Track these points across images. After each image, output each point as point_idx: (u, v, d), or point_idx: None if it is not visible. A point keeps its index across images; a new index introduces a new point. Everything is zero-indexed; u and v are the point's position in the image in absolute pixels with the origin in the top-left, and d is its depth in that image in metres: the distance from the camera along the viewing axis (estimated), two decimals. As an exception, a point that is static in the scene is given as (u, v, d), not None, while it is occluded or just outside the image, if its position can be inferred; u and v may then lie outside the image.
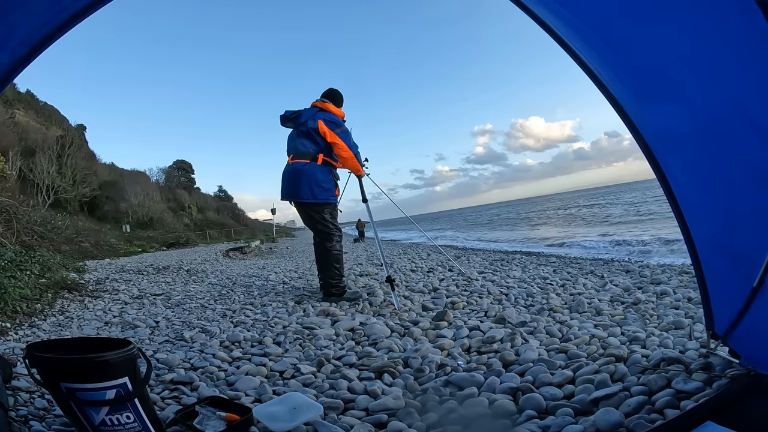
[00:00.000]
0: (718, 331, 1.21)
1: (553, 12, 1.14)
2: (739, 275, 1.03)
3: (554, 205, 36.66)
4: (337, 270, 3.07)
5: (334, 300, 3.01)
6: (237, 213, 47.37)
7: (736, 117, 0.87)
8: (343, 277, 3.13)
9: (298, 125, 3.10)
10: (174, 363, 1.81)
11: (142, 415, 1.03)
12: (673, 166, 1.15)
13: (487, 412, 1.22)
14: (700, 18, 0.82)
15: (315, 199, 3.02)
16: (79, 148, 25.47)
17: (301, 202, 3.08)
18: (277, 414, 1.23)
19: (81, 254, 9.36)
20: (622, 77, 1.14)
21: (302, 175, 2.99)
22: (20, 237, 6.67)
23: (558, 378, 1.34)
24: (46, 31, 1.12)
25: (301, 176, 2.99)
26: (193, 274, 6.38)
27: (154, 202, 30.36)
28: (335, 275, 3.07)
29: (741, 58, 0.79)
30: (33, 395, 1.40)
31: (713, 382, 1.09)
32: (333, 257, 3.07)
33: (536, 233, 13.84)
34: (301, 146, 3.05)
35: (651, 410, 1.08)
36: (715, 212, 1.08)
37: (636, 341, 1.65)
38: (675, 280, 2.92)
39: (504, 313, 2.25)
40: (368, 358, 1.75)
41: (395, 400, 1.32)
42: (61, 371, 0.98)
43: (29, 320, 2.97)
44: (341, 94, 3.30)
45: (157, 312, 3.31)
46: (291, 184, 3.06)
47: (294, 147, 3.09)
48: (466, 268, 4.43)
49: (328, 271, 3.08)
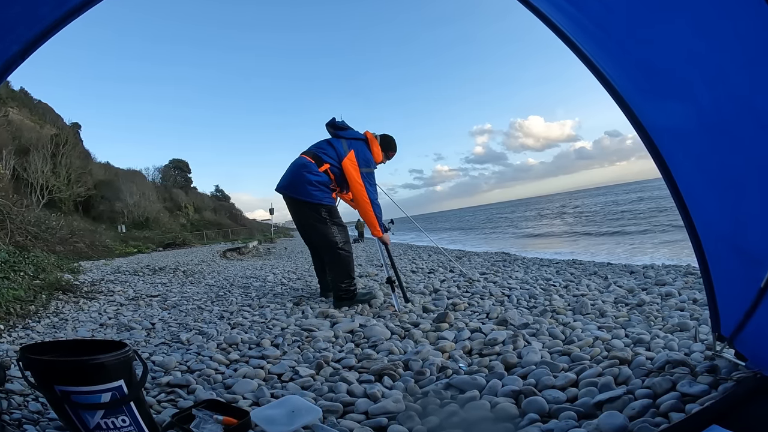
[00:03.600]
0: (724, 333, 1.20)
1: (559, 9, 1.13)
2: (746, 275, 1.02)
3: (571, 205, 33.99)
4: (348, 272, 2.85)
5: (345, 305, 2.81)
6: (234, 213, 47.22)
7: (743, 114, 0.86)
8: (353, 279, 2.89)
9: (334, 134, 2.99)
10: (170, 365, 1.78)
11: (137, 418, 1.02)
12: (680, 163, 1.14)
13: (489, 416, 1.20)
14: (708, 14, 0.81)
15: (312, 199, 2.82)
16: (73, 146, 25.28)
17: (297, 201, 2.88)
18: (275, 417, 1.21)
19: (76, 255, 9.30)
20: (628, 74, 1.13)
21: (303, 169, 2.84)
22: (14, 237, 6.60)
23: (561, 381, 1.33)
24: (42, 28, 1.10)
25: (302, 170, 2.85)
26: (189, 275, 6.34)
27: (150, 202, 30.20)
28: (345, 279, 2.84)
29: (749, 54, 0.78)
30: (27, 398, 1.37)
31: (719, 385, 1.08)
32: (342, 259, 2.85)
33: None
34: (319, 150, 2.92)
35: (655, 413, 1.06)
36: (722, 211, 1.08)
37: (640, 343, 1.64)
38: (680, 281, 2.91)
39: (506, 314, 2.23)
40: (368, 361, 1.73)
41: (395, 403, 1.30)
42: (56, 374, 0.97)
43: (23, 322, 2.93)
44: (395, 145, 3.16)
45: (153, 314, 3.28)
46: (288, 176, 2.91)
47: (314, 147, 2.96)
48: (468, 269, 4.41)
49: (337, 275, 2.85)
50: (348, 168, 2.81)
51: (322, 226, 2.88)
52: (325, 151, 2.90)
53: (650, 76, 1.05)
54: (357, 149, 2.87)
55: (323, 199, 2.86)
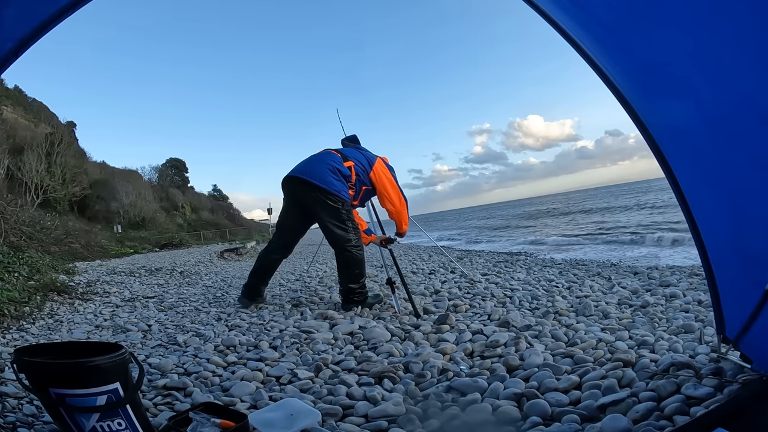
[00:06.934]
0: (729, 335, 1.19)
1: (561, 7, 1.12)
2: (750, 277, 1.02)
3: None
4: (361, 274, 2.74)
5: (354, 307, 2.72)
6: (232, 213, 46.96)
7: (746, 112, 0.85)
8: (365, 281, 2.80)
9: (355, 148, 2.97)
10: (167, 368, 1.76)
11: (134, 421, 1.00)
12: (682, 163, 1.13)
13: (491, 419, 1.19)
14: (709, 11, 0.80)
15: (328, 187, 2.63)
16: (68, 145, 25.06)
17: (311, 186, 2.66)
18: (273, 420, 1.20)
19: (71, 255, 9.22)
20: (629, 72, 1.13)
21: (326, 157, 2.76)
22: (8, 238, 6.54)
23: (564, 383, 1.31)
24: (35, 24, 1.08)
25: (325, 157, 2.76)
26: (186, 276, 6.30)
27: (147, 202, 30.05)
28: (357, 280, 2.73)
29: (751, 51, 0.78)
30: (21, 401, 1.35)
31: (724, 387, 1.07)
32: (357, 260, 2.72)
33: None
34: (345, 150, 2.88)
35: (660, 417, 1.05)
36: (725, 211, 1.07)
37: (644, 345, 1.62)
38: (685, 282, 2.88)
39: (508, 316, 2.21)
40: (368, 363, 1.71)
41: (396, 406, 1.28)
42: (51, 376, 0.95)
43: (17, 323, 2.89)
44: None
45: (149, 315, 3.24)
46: (307, 161, 2.81)
47: (337, 148, 2.94)
48: (469, 270, 4.39)
49: (349, 277, 2.73)
50: (378, 171, 2.81)
51: (337, 221, 2.69)
52: (352, 152, 2.88)
53: (650, 73, 1.05)
54: (383, 161, 2.89)
55: (341, 192, 2.68)
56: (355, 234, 2.74)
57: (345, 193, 2.71)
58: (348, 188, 2.75)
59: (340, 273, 2.78)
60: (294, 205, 2.87)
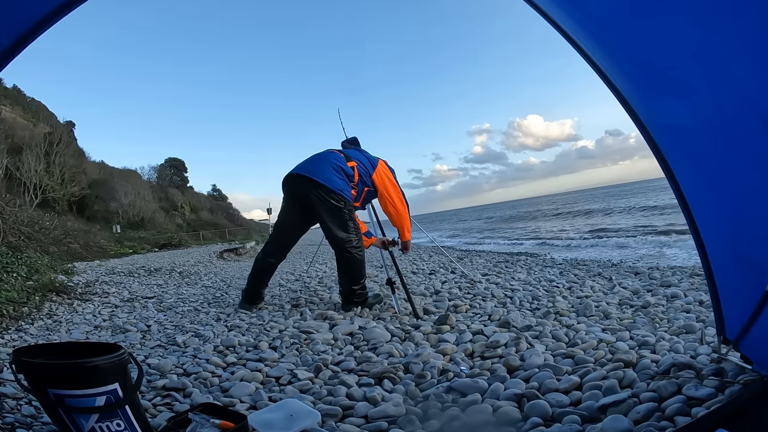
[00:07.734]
0: (729, 336, 1.19)
1: (559, 6, 1.12)
2: (751, 278, 1.01)
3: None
4: (362, 275, 2.73)
5: (354, 307, 2.71)
6: (231, 213, 46.91)
7: (747, 114, 0.85)
8: (365, 282, 2.79)
9: (357, 150, 2.97)
10: (166, 368, 1.75)
11: (133, 422, 1.00)
12: (682, 164, 1.13)
13: (491, 420, 1.18)
14: (710, 11, 0.80)
15: (332, 185, 2.62)
16: (67, 145, 25.03)
17: (314, 184, 2.63)
18: (273, 421, 1.20)
19: (70, 256, 9.21)
20: (628, 72, 1.12)
21: (329, 155, 2.76)
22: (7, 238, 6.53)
23: (564, 384, 1.31)
24: (32, 22, 1.07)
25: (328, 156, 2.76)
26: (185, 277, 6.29)
27: (146, 202, 30.04)
28: (358, 281, 2.72)
29: (752, 51, 0.77)
30: (20, 402, 1.35)
31: (725, 388, 1.07)
32: (357, 261, 2.70)
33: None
34: (347, 150, 2.89)
35: (661, 417, 1.05)
36: (725, 212, 1.07)
37: (645, 346, 1.62)
38: (686, 283, 2.87)
39: (508, 316, 2.21)
40: (368, 364, 1.71)
41: (396, 407, 1.28)
42: (49, 377, 0.95)
43: (16, 324, 2.88)
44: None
45: (148, 315, 3.23)
46: (309, 159, 2.79)
47: (339, 148, 2.95)
48: (469, 270, 4.39)
49: (349, 278, 2.72)
50: (381, 173, 2.81)
51: (339, 221, 2.67)
52: (354, 153, 2.88)
53: (650, 73, 1.04)
54: (385, 163, 2.89)
55: (344, 191, 2.66)
56: (356, 235, 2.72)
57: (348, 193, 2.69)
58: (351, 188, 2.74)
59: (340, 274, 2.77)
60: (294, 204, 2.84)
